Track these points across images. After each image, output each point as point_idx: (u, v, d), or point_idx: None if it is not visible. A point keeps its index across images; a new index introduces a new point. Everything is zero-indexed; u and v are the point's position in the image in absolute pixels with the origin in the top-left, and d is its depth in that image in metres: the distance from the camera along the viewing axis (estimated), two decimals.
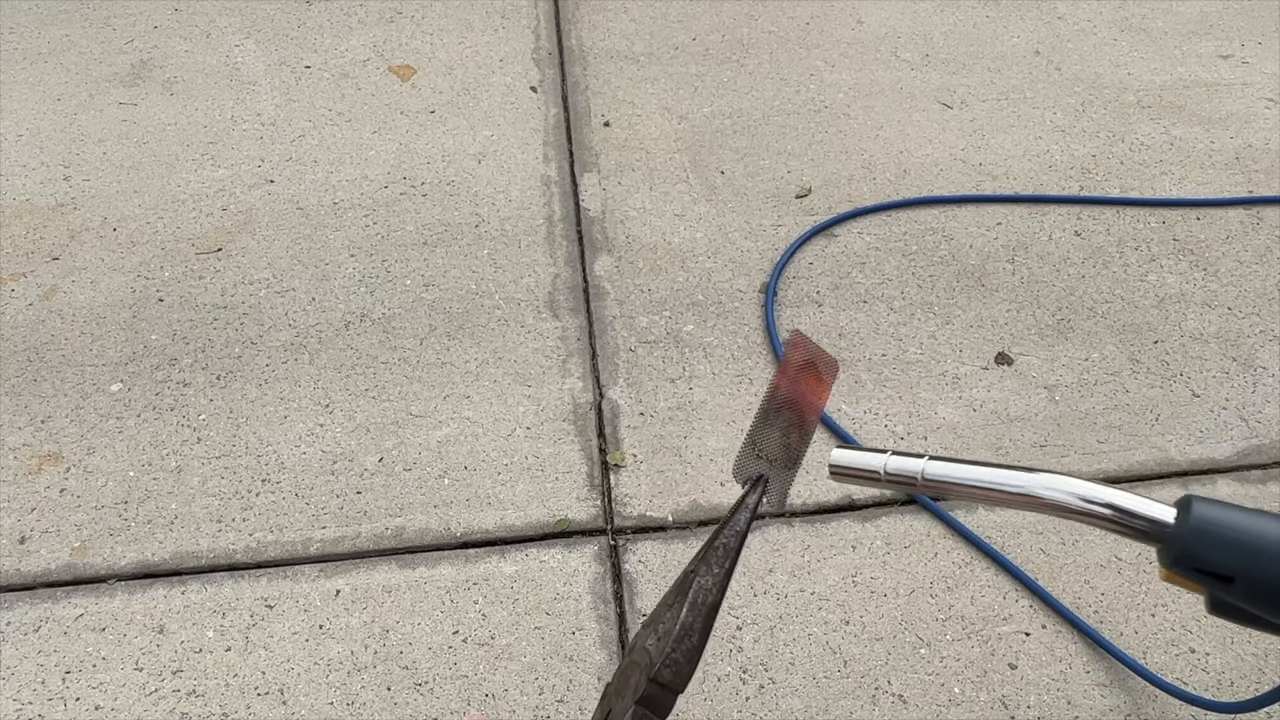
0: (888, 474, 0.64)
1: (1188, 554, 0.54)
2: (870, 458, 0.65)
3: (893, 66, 2.40)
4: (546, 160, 2.12)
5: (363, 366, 1.72)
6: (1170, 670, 1.36)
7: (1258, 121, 2.27)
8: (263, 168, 2.09)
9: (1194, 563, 0.54)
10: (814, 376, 0.66)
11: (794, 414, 0.66)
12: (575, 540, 1.49)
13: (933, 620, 1.41)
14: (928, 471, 0.63)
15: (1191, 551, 0.54)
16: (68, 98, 2.24)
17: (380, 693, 1.32)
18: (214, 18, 2.48)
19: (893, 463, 0.64)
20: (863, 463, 0.66)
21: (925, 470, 0.63)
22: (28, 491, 1.53)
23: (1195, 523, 0.54)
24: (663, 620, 0.59)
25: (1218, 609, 0.55)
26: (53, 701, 1.31)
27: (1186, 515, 0.55)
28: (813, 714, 1.32)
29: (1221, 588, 0.54)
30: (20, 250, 1.90)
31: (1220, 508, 0.54)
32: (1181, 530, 0.54)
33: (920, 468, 0.63)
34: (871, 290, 1.87)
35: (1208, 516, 0.54)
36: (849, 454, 0.67)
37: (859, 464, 0.66)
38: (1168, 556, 0.55)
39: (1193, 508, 0.54)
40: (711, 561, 0.60)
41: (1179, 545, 0.54)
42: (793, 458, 0.66)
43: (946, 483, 0.63)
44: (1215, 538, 0.53)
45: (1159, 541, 0.56)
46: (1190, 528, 0.54)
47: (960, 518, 1.52)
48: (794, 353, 0.66)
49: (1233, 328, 1.83)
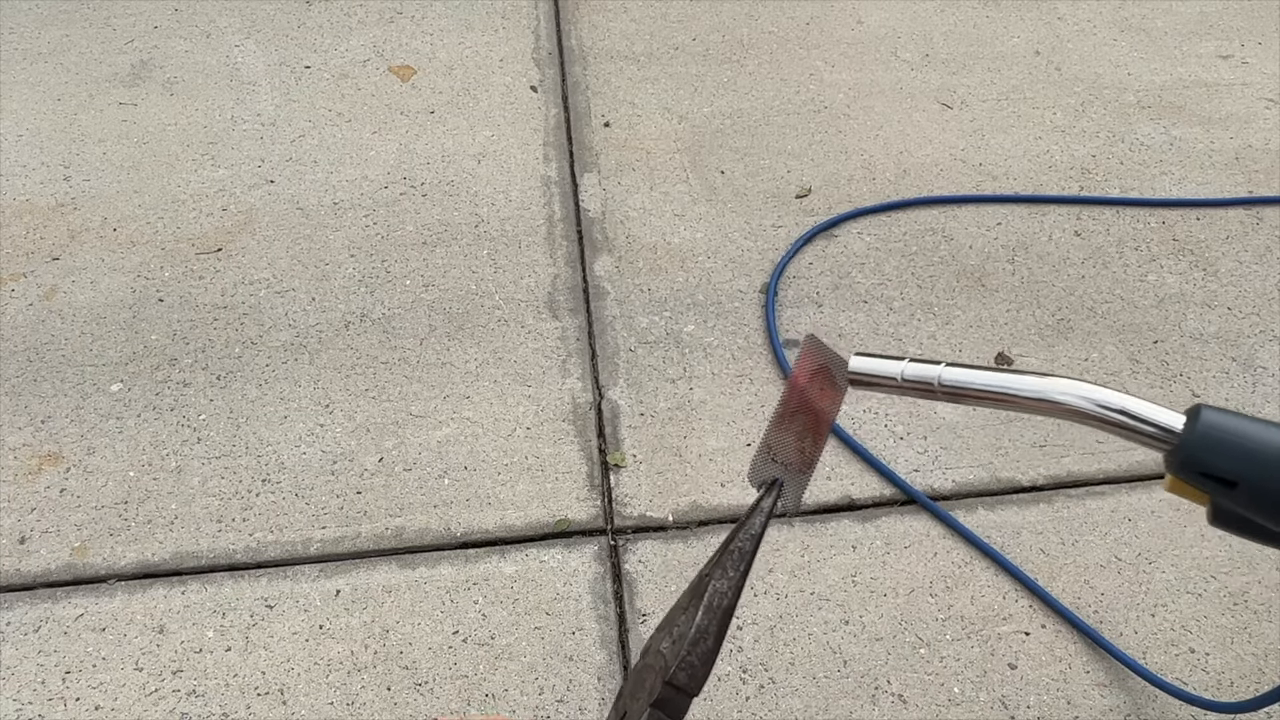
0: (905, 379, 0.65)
1: (1194, 458, 0.55)
2: (889, 364, 0.66)
3: (893, 66, 2.40)
4: (546, 160, 2.12)
5: (363, 366, 1.72)
6: (1170, 670, 1.36)
7: (1258, 121, 2.27)
8: (263, 168, 2.09)
9: (1200, 467, 0.55)
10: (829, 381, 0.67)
11: (808, 418, 0.66)
12: (575, 540, 1.49)
13: (932, 620, 1.41)
14: (944, 377, 0.64)
15: (1198, 456, 0.55)
16: (68, 98, 2.24)
17: (380, 693, 1.32)
18: (214, 18, 2.48)
19: (910, 369, 0.65)
20: (881, 369, 0.66)
21: (942, 376, 0.64)
22: (28, 491, 1.53)
23: (1203, 428, 0.55)
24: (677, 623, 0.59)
25: (1219, 518, 0.57)
26: (53, 701, 1.31)
27: (1195, 421, 0.56)
28: (813, 714, 1.32)
29: (1225, 493, 0.55)
30: (20, 250, 1.90)
31: (1229, 415, 0.56)
32: (1190, 435, 0.56)
33: (937, 373, 0.64)
34: (871, 290, 1.87)
35: (1216, 422, 0.55)
36: (868, 361, 0.67)
37: (878, 370, 0.66)
38: (1174, 461, 0.56)
39: (1201, 414, 0.56)
40: (726, 565, 0.60)
41: (1186, 450, 0.56)
42: (807, 461, 0.67)
43: (962, 387, 0.64)
44: (1221, 442, 0.55)
45: (1167, 445, 0.57)
46: (1198, 433, 0.55)
47: (960, 518, 1.52)
48: (809, 356, 0.66)
49: (1233, 328, 1.83)
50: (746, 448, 1.61)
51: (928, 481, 1.58)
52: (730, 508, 1.53)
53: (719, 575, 0.59)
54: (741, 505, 1.53)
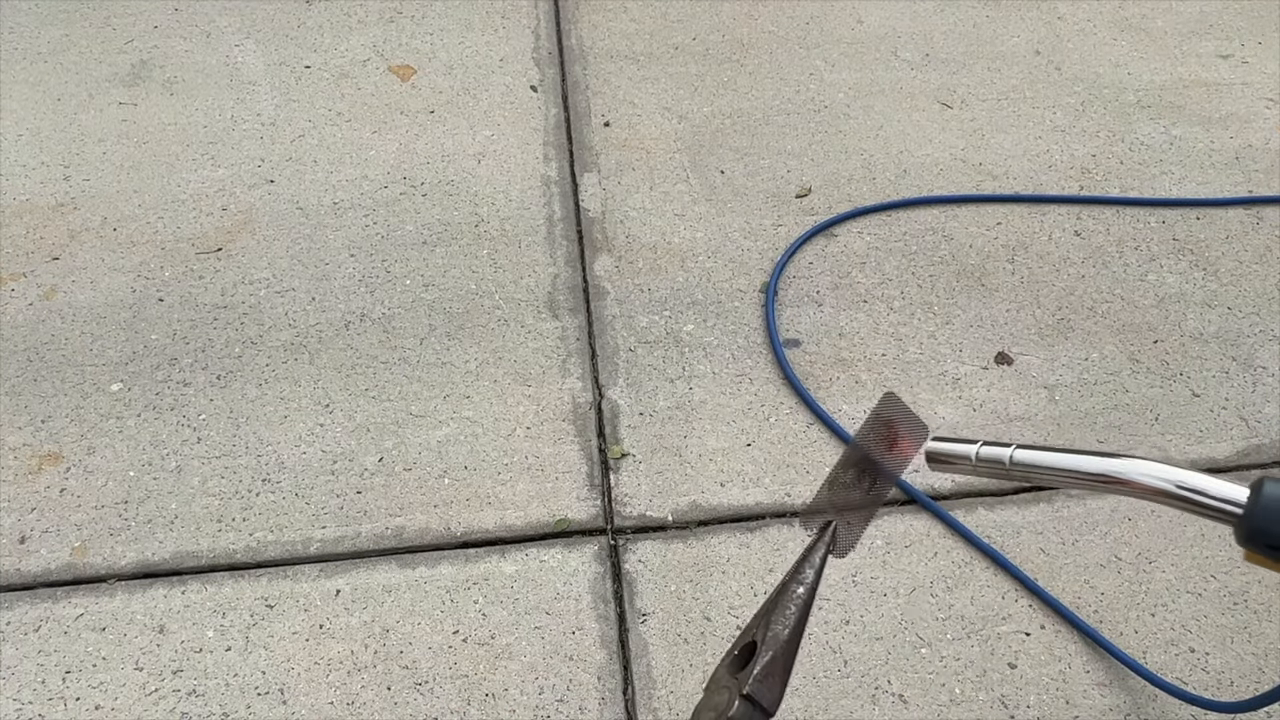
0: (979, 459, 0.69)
1: (1260, 531, 0.57)
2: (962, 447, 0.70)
3: (893, 66, 2.40)
4: (546, 160, 2.12)
5: (363, 366, 1.72)
6: (1170, 670, 1.36)
7: (1258, 121, 2.27)
8: (263, 167, 2.09)
9: (1266, 539, 0.57)
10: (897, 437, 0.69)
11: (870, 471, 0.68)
12: (575, 540, 1.49)
13: (933, 620, 1.41)
14: (1015, 457, 0.67)
15: (1263, 529, 0.57)
16: (68, 98, 2.24)
17: (380, 692, 1.32)
18: (214, 18, 2.48)
19: (984, 451, 0.69)
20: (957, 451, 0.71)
21: (1013, 456, 0.68)
22: (28, 491, 1.53)
23: (1265, 500, 0.57)
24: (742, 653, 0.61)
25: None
26: (53, 701, 1.31)
27: (1259, 495, 0.58)
28: (813, 713, 1.32)
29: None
30: (20, 250, 1.90)
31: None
32: (1254, 509, 0.58)
33: (1008, 454, 0.68)
34: (871, 290, 1.87)
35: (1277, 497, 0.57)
36: (943, 445, 0.71)
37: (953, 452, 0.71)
38: (1242, 534, 0.58)
39: (1264, 488, 0.58)
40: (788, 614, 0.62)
41: (1252, 524, 0.58)
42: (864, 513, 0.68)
43: (1033, 467, 0.67)
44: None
45: (1235, 520, 0.59)
46: (1261, 506, 0.58)
47: (960, 517, 1.52)
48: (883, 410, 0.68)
49: (1233, 327, 1.83)
50: (747, 447, 1.61)
51: (928, 481, 1.58)
52: (730, 507, 1.53)
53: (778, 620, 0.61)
54: (741, 505, 1.53)
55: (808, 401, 1.67)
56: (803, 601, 0.62)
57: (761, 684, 0.57)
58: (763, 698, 0.57)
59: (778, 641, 0.59)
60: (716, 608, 1.41)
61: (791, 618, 0.61)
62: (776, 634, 0.60)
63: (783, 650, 0.59)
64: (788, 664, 0.60)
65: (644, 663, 1.36)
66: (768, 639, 0.59)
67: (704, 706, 0.59)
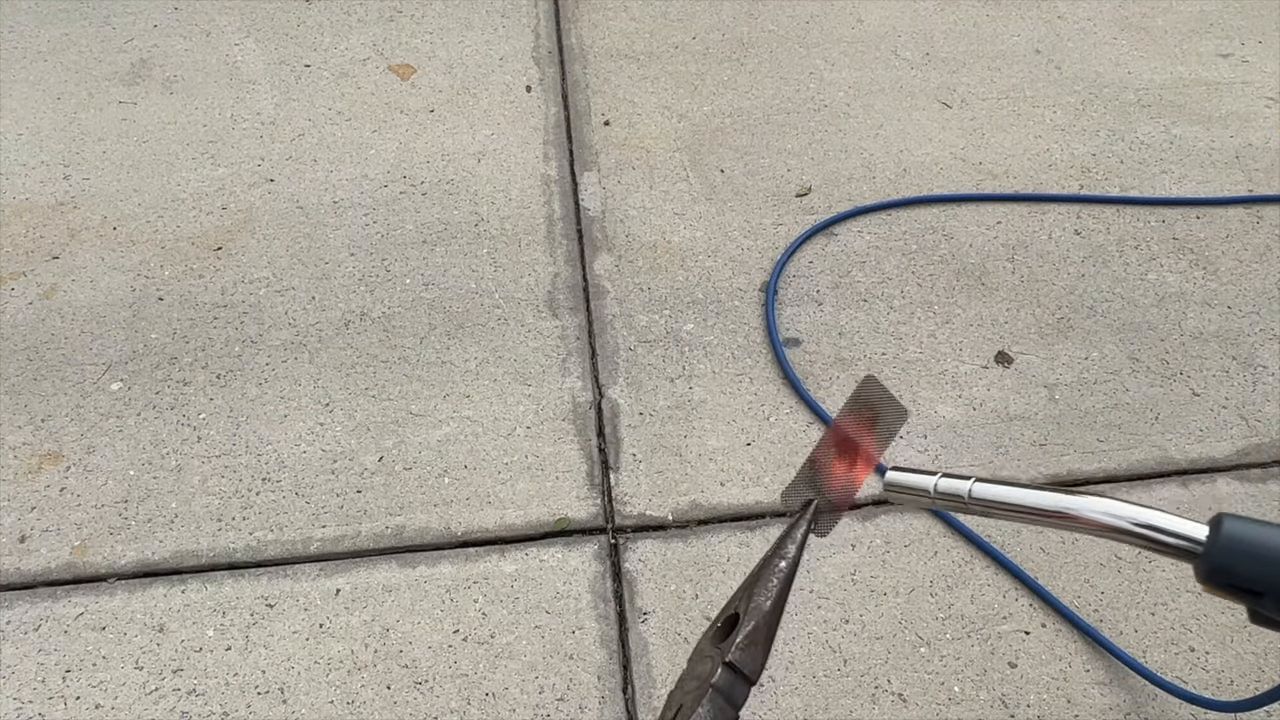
0: (937, 493, 0.69)
1: (1219, 570, 0.57)
2: (922, 479, 0.70)
3: (893, 66, 2.40)
4: (546, 159, 2.12)
5: (363, 365, 1.72)
6: (1170, 669, 1.36)
7: (1258, 121, 2.27)
8: (263, 166, 2.09)
9: (1224, 579, 0.57)
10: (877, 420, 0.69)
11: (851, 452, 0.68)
12: (575, 539, 1.49)
13: (932, 619, 1.41)
14: (974, 492, 0.68)
15: (1222, 568, 0.57)
16: (67, 97, 2.24)
17: (380, 691, 1.32)
18: (214, 17, 2.48)
19: (942, 484, 0.69)
20: (914, 483, 0.71)
21: (972, 490, 0.68)
22: (28, 490, 1.53)
23: (1225, 541, 0.57)
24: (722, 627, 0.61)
25: (1257, 619, 0.58)
26: (53, 700, 1.31)
27: (1217, 534, 0.57)
28: (813, 713, 1.32)
29: (1254, 601, 0.56)
30: (20, 249, 1.90)
31: (1251, 526, 0.57)
32: (1212, 548, 0.57)
33: (967, 488, 0.68)
34: (871, 289, 1.87)
35: (1237, 535, 0.57)
36: (902, 475, 0.71)
37: (911, 484, 0.71)
38: (1201, 573, 0.58)
39: (1223, 526, 0.57)
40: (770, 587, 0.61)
41: (1210, 562, 0.57)
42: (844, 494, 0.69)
43: (991, 502, 0.67)
44: (1244, 555, 0.56)
45: (1194, 558, 0.59)
46: (1220, 546, 0.57)
47: (960, 517, 1.52)
48: (863, 393, 0.68)
49: (1233, 327, 1.83)
50: (746, 446, 1.61)
51: None
52: (730, 507, 1.53)
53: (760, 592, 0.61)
54: (741, 504, 1.54)
55: (808, 401, 1.66)
56: (785, 575, 0.62)
57: (744, 652, 0.57)
58: (745, 665, 0.57)
59: (760, 612, 0.59)
60: (716, 607, 1.41)
61: (774, 590, 0.61)
62: (759, 605, 0.60)
63: (765, 620, 0.59)
64: (770, 634, 0.60)
65: (644, 662, 1.36)
66: (750, 610, 0.59)
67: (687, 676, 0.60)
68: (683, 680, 0.60)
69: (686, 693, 0.58)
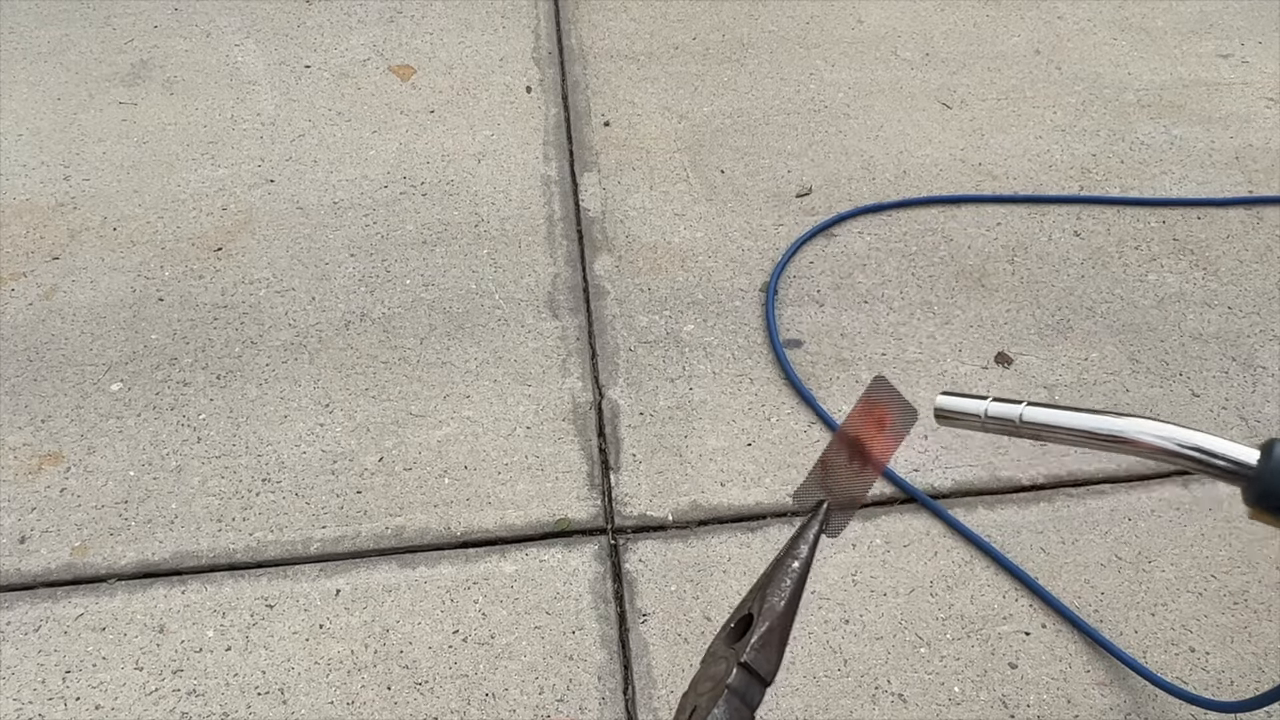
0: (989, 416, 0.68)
1: (1270, 492, 0.58)
2: (973, 403, 0.69)
3: (893, 66, 2.40)
4: (546, 160, 2.12)
5: (363, 366, 1.72)
6: (1170, 669, 1.36)
7: (1258, 121, 2.27)
8: (263, 167, 2.09)
9: (1275, 501, 0.57)
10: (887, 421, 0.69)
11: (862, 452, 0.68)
12: (575, 540, 1.49)
13: (932, 619, 1.41)
14: (1025, 415, 0.67)
15: (1274, 489, 0.57)
16: (68, 97, 2.24)
17: (380, 692, 1.32)
18: (214, 17, 2.48)
19: (993, 408, 0.68)
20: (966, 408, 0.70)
21: (1023, 414, 0.67)
22: (28, 491, 1.53)
23: (1276, 464, 0.57)
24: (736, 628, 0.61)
25: None
26: (53, 701, 1.31)
27: (1269, 456, 0.58)
28: (813, 713, 1.32)
29: None
30: (20, 250, 1.90)
31: None
32: (1265, 470, 0.58)
33: (1019, 412, 0.67)
34: (871, 290, 1.87)
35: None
36: (953, 400, 0.70)
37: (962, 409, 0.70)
38: (1251, 494, 0.58)
39: (1275, 450, 0.58)
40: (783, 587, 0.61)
41: (1262, 484, 0.58)
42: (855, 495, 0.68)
43: (1043, 426, 0.66)
44: None
45: (1244, 481, 0.59)
46: (1272, 468, 0.58)
47: (960, 517, 1.52)
48: (872, 394, 0.68)
49: (1233, 327, 1.83)
50: (747, 447, 1.61)
51: (928, 480, 1.58)
52: (730, 507, 1.53)
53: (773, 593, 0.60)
54: (742, 505, 1.53)
55: (808, 401, 1.67)
56: (798, 575, 0.62)
57: (759, 653, 0.57)
58: (760, 666, 0.57)
59: (774, 612, 0.59)
60: (717, 607, 1.41)
61: (787, 590, 0.61)
62: (772, 605, 0.60)
63: (779, 621, 0.59)
64: (784, 635, 0.59)
65: (644, 662, 1.36)
66: (764, 610, 0.59)
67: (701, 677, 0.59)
68: (696, 681, 0.60)
69: (701, 694, 0.58)
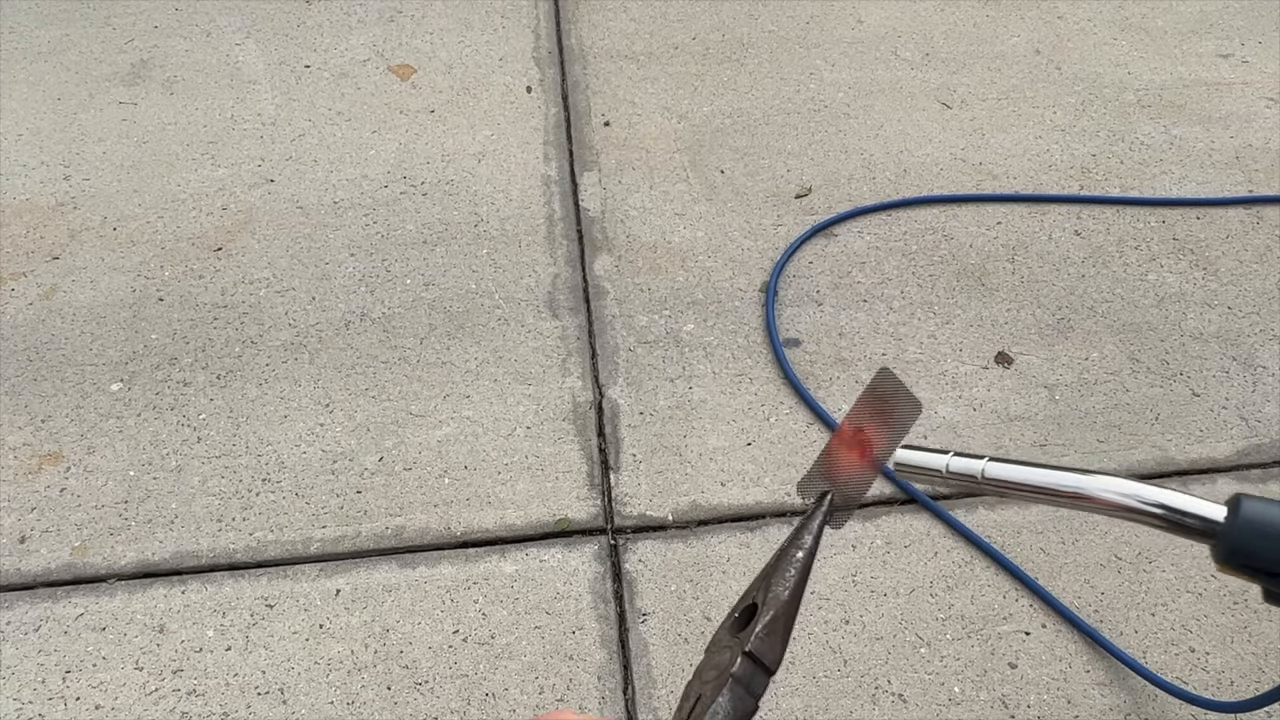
0: (950, 472, 0.68)
1: (1237, 551, 0.57)
2: (934, 458, 0.69)
3: (893, 66, 2.40)
4: (546, 159, 2.12)
5: (363, 366, 1.72)
6: (1170, 670, 1.36)
7: (1258, 121, 2.27)
8: (263, 167, 2.09)
9: (1242, 560, 0.57)
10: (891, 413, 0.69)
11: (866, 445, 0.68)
12: (575, 540, 1.49)
13: (933, 619, 1.41)
14: (987, 471, 0.66)
15: (1240, 549, 0.56)
16: (68, 97, 2.24)
17: (380, 692, 1.32)
18: (214, 17, 2.48)
19: (955, 463, 0.68)
20: (927, 462, 0.69)
21: (985, 470, 0.66)
22: (28, 491, 1.53)
23: (1243, 522, 0.57)
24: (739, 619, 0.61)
25: (1271, 599, 0.58)
26: (53, 701, 1.31)
27: (1236, 515, 0.57)
28: (813, 713, 1.32)
29: (1271, 582, 0.56)
30: (20, 250, 1.90)
31: (1270, 506, 0.57)
32: (1230, 529, 0.57)
33: (980, 468, 0.67)
34: (871, 290, 1.87)
35: (1256, 516, 0.57)
36: (914, 454, 0.70)
37: (924, 463, 0.69)
38: (1219, 554, 0.58)
39: (1241, 507, 0.57)
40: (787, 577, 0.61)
41: (1229, 544, 0.57)
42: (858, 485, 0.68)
43: (1004, 483, 0.66)
44: (1263, 535, 0.56)
45: (1212, 539, 0.58)
46: (1239, 526, 0.57)
47: (960, 517, 1.52)
48: (878, 385, 0.68)
49: (1233, 327, 1.83)
50: (747, 446, 1.61)
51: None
52: (730, 507, 1.53)
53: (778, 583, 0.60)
54: (741, 504, 1.53)
55: (808, 401, 1.67)
56: (802, 564, 0.62)
57: (764, 642, 0.57)
58: (765, 655, 0.57)
59: (778, 601, 0.59)
60: (717, 607, 1.41)
61: (791, 580, 0.61)
62: (777, 595, 0.60)
63: (783, 610, 0.59)
64: (788, 624, 0.59)
65: (644, 662, 1.36)
66: (768, 600, 0.59)
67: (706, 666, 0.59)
68: (700, 671, 0.60)
69: (705, 683, 0.58)
